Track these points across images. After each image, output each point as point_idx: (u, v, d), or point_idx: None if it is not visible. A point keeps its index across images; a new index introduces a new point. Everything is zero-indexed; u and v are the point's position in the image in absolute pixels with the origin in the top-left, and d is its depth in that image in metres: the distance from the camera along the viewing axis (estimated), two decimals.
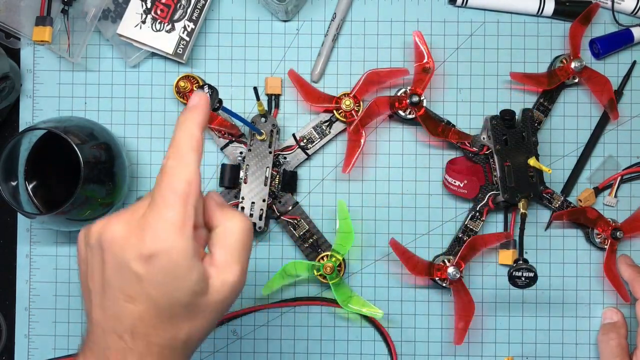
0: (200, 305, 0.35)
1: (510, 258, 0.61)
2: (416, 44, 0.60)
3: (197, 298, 0.35)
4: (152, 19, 0.60)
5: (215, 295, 0.35)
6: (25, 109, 0.63)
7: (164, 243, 0.33)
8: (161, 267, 0.33)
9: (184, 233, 0.34)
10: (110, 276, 0.35)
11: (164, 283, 0.34)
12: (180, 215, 0.34)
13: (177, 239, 0.33)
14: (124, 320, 0.34)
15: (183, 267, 0.34)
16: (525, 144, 0.59)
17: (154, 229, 0.34)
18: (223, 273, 0.36)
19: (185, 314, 0.35)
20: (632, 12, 0.63)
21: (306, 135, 0.61)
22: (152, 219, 0.34)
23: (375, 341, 0.62)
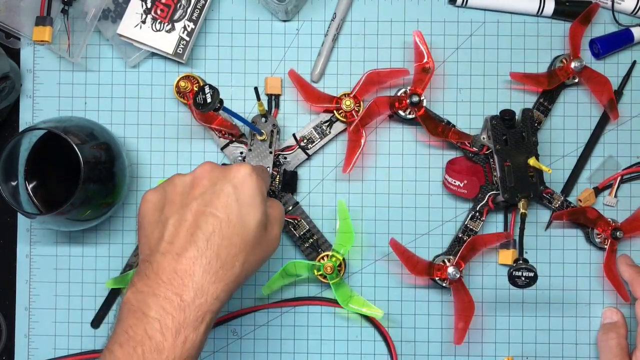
0: (260, 235, 0.44)
1: (510, 258, 0.61)
2: (416, 44, 0.60)
3: (259, 228, 0.44)
4: (152, 19, 0.60)
5: (267, 237, 0.45)
6: (25, 109, 0.63)
7: (254, 175, 0.44)
8: (248, 190, 0.44)
9: (264, 182, 0.46)
10: (198, 194, 0.44)
11: (246, 202, 0.43)
12: (264, 171, 0.51)
13: (261, 179, 0.45)
14: (204, 228, 0.42)
15: (259, 198, 0.44)
16: (525, 144, 0.59)
17: (249, 166, 0.45)
18: (272, 226, 0.46)
19: (249, 239, 0.43)
20: (632, 12, 0.63)
21: (306, 135, 0.61)
22: (244, 164, 0.45)
23: (375, 341, 0.62)
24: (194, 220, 0.42)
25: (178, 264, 0.41)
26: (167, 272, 0.41)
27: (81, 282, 0.63)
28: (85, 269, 0.63)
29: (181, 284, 0.40)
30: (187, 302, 0.40)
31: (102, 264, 0.63)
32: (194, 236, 0.42)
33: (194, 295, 0.40)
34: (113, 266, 0.62)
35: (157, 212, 0.45)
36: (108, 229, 0.63)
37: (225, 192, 0.43)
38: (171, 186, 0.45)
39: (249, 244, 0.43)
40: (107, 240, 0.63)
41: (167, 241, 0.42)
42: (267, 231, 0.45)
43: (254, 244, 0.44)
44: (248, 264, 0.44)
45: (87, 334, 0.62)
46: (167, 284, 0.41)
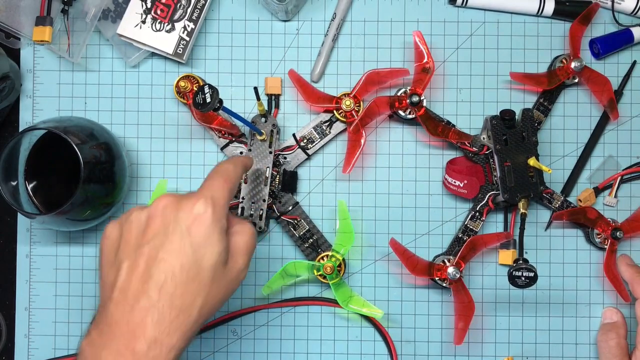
0: (219, 274, 0.42)
1: (510, 258, 0.61)
2: (416, 44, 0.60)
3: (217, 268, 0.41)
4: (152, 19, 0.60)
5: (229, 273, 0.42)
6: (25, 109, 0.63)
7: (209, 209, 0.41)
8: (202, 230, 0.41)
9: (223, 210, 0.42)
10: (151, 237, 0.41)
11: (201, 243, 0.40)
12: (224, 196, 0.43)
13: (218, 211, 0.42)
14: (155, 276, 0.39)
15: (216, 234, 0.41)
16: (525, 144, 0.59)
17: (205, 196, 0.42)
18: (235, 258, 0.43)
19: (206, 282, 0.41)
20: (632, 12, 0.63)
21: (306, 135, 0.61)
22: (202, 191, 0.42)
23: (375, 341, 0.62)
24: (146, 267, 0.40)
25: (130, 315, 0.39)
26: (120, 325, 0.39)
27: (81, 282, 0.63)
28: (85, 269, 0.63)
29: (133, 337, 0.38)
30: (139, 355, 0.38)
31: None
32: (145, 285, 0.39)
33: (147, 348, 0.38)
34: None
35: (113, 251, 0.42)
36: None
37: (177, 235, 0.40)
38: (127, 224, 0.42)
39: (207, 287, 0.41)
40: None
41: (119, 289, 0.40)
42: (229, 267, 0.43)
43: (212, 286, 0.41)
44: (207, 307, 0.41)
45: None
46: (119, 338, 0.38)
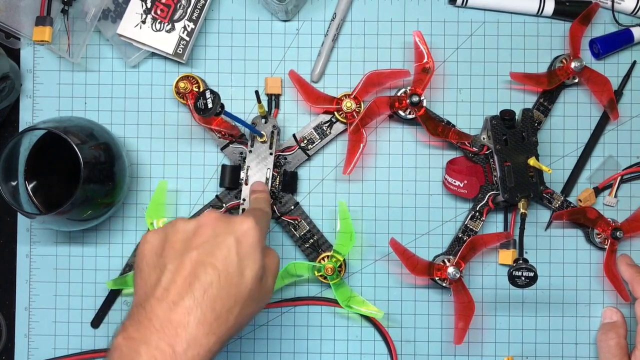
0: (256, 287, 0.43)
1: (510, 258, 0.61)
2: (416, 44, 0.60)
3: (255, 281, 0.43)
4: (152, 19, 0.60)
5: (262, 289, 0.45)
6: (25, 109, 0.63)
7: (256, 228, 0.44)
8: (249, 243, 0.43)
9: (263, 234, 0.46)
10: (200, 243, 0.43)
11: (246, 256, 0.43)
12: (263, 223, 0.48)
13: (260, 233, 0.45)
14: (202, 278, 0.41)
15: (259, 251, 0.44)
16: (525, 144, 0.59)
17: (251, 218, 0.45)
18: (267, 278, 0.46)
19: (245, 292, 0.42)
20: (632, 12, 0.63)
21: (307, 135, 0.61)
22: (248, 215, 0.46)
23: (375, 341, 0.62)
24: (193, 270, 0.41)
25: (173, 312, 0.39)
26: (161, 320, 0.39)
27: (81, 282, 0.63)
28: (85, 269, 0.63)
29: (174, 335, 0.39)
30: (179, 354, 0.38)
31: (102, 264, 0.63)
32: (191, 286, 0.40)
33: (187, 347, 0.39)
34: (113, 266, 0.62)
35: (156, 255, 0.43)
36: (108, 229, 0.63)
37: (226, 244, 0.42)
38: (173, 230, 0.44)
39: (245, 298, 0.42)
40: (107, 240, 0.63)
41: (163, 287, 0.41)
42: (262, 283, 0.44)
43: (249, 297, 0.43)
44: (242, 317, 0.43)
45: (87, 334, 0.62)
46: (160, 333, 0.39)
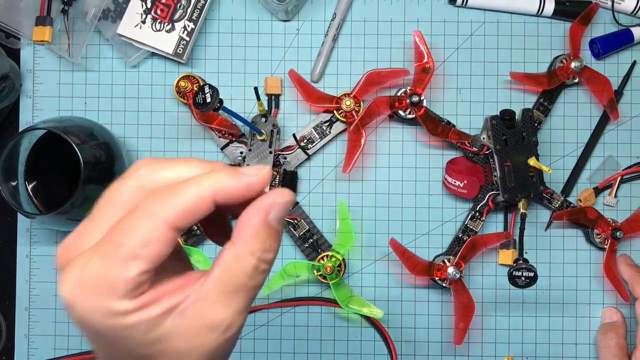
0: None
1: (510, 258, 0.61)
2: (416, 44, 0.60)
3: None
4: (152, 18, 0.60)
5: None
6: (25, 109, 0.63)
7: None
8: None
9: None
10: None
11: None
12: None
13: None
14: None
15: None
16: (525, 144, 0.59)
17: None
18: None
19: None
20: (632, 12, 0.63)
21: (306, 135, 0.61)
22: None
23: (375, 341, 0.62)
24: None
25: None
26: None
27: None
28: None
29: None
30: None
31: None
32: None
33: None
34: None
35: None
36: None
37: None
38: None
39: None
40: None
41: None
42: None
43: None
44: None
45: None
46: None
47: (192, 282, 0.27)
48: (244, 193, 0.27)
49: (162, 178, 0.28)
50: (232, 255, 0.27)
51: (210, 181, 0.27)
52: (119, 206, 0.27)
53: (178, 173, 0.28)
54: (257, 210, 0.27)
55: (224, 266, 0.27)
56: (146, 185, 0.28)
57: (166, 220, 0.26)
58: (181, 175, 0.28)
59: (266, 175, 0.28)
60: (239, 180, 0.27)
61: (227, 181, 0.27)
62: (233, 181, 0.27)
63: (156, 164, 0.28)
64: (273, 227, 0.28)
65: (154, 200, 0.26)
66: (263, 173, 0.28)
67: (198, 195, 0.26)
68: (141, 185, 0.28)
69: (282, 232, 0.28)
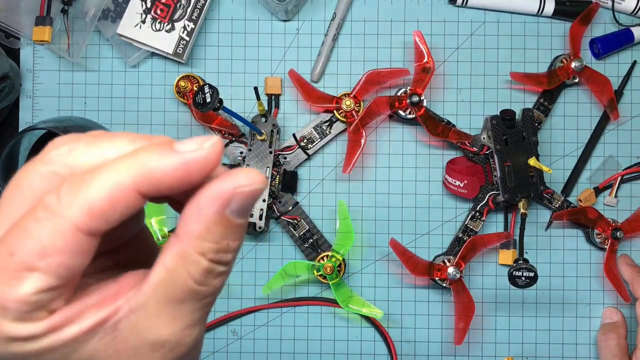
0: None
1: (510, 258, 0.61)
2: (416, 44, 0.60)
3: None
4: (152, 18, 0.60)
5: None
6: (25, 108, 0.63)
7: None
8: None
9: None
10: None
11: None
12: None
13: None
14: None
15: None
16: (526, 144, 0.59)
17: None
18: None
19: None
20: (632, 12, 0.62)
21: (306, 135, 0.61)
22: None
23: (375, 341, 0.62)
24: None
25: None
26: None
27: None
28: None
29: None
30: None
31: None
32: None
33: None
34: None
35: None
36: None
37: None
38: None
39: None
40: None
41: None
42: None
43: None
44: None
45: None
46: None
47: (128, 288, 0.21)
48: (181, 178, 0.20)
49: (80, 162, 0.21)
50: (175, 255, 0.21)
51: (130, 164, 0.20)
52: (27, 199, 0.21)
53: (103, 154, 0.21)
54: (211, 199, 0.20)
55: (165, 269, 0.21)
56: (60, 172, 0.21)
57: (74, 222, 0.19)
58: (106, 157, 0.21)
59: (212, 149, 0.20)
60: (172, 159, 0.20)
61: (155, 162, 0.20)
62: (163, 161, 0.20)
63: (74, 143, 0.21)
64: (233, 221, 0.21)
65: (59, 195, 0.20)
66: (207, 147, 0.20)
67: (116, 185, 0.19)
68: (54, 171, 0.21)
69: (246, 226, 0.22)
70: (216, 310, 0.62)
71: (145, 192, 0.20)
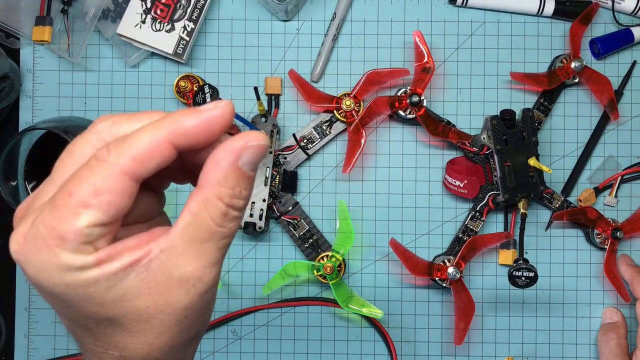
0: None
1: (510, 258, 0.61)
2: (416, 44, 0.60)
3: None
4: (152, 18, 0.60)
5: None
6: (25, 109, 0.63)
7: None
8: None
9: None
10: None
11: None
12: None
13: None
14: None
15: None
16: (526, 144, 0.59)
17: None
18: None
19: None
20: (632, 12, 0.62)
21: (306, 135, 0.61)
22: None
23: (375, 341, 0.62)
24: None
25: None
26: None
27: None
28: None
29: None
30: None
31: None
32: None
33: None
34: None
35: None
36: None
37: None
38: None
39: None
40: None
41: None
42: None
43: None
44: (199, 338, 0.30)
45: None
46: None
47: (157, 236, 0.26)
48: (205, 130, 0.25)
49: (123, 131, 0.26)
50: (198, 200, 0.25)
51: (165, 122, 0.25)
52: (79, 162, 0.25)
53: (141, 124, 0.26)
54: (226, 152, 0.25)
55: (190, 213, 0.25)
56: (107, 139, 0.26)
57: (121, 167, 0.24)
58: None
59: (225, 107, 0.25)
60: (197, 116, 0.25)
61: (184, 119, 0.25)
62: (190, 119, 0.25)
63: (117, 118, 0.26)
64: (244, 172, 0.25)
65: (108, 148, 0.24)
66: (221, 106, 0.25)
67: (154, 138, 0.24)
68: (101, 139, 0.26)
69: (254, 179, 0.26)
70: (216, 310, 0.62)
71: (177, 144, 0.25)
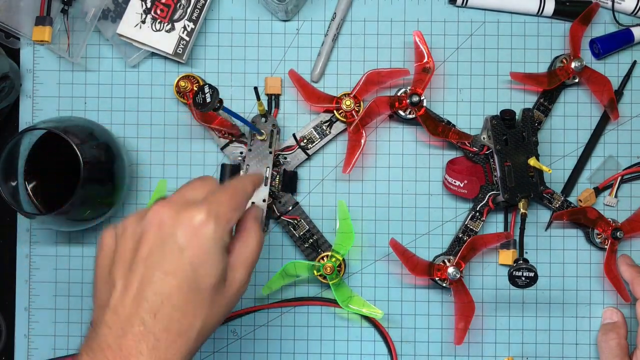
0: (219, 294, 0.39)
1: (510, 258, 0.61)
2: (416, 44, 0.60)
3: (218, 285, 0.39)
4: (152, 18, 0.60)
5: (229, 289, 0.40)
6: (25, 109, 0.63)
7: (211, 224, 0.38)
8: (202, 243, 0.37)
9: (227, 227, 0.39)
10: (146, 254, 0.38)
11: (200, 262, 0.37)
12: (229, 212, 0.39)
13: (220, 228, 0.38)
14: (151, 299, 0.37)
15: (217, 253, 0.38)
16: (526, 144, 0.59)
17: (208, 210, 0.38)
18: (236, 272, 0.40)
19: (206, 300, 0.38)
20: (632, 12, 0.62)
21: (306, 135, 0.61)
22: (206, 204, 0.38)
23: (375, 341, 0.62)
24: (140, 289, 0.37)
25: (124, 340, 0.36)
26: (113, 349, 0.36)
27: (81, 282, 0.63)
28: (85, 269, 0.63)
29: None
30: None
31: None
32: (139, 309, 0.36)
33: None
34: None
35: (107, 266, 0.39)
36: None
37: (175, 253, 0.37)
38: (123, 235, 0.39)
39: (206, 308, 0.38)
40: None
41: (112, 310, 0.37)
42: (228, 282, 0.40)
43: (212, 306, 0.38)
44: (206, 328, 0.39)
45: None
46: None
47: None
48: (258, 185, 0.45)
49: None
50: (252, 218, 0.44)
51: (252, 183, 0.44)
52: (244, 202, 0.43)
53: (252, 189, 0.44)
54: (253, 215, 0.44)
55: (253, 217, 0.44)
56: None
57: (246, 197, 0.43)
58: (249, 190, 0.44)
59: (261, 177, 0.47)
60: (258, 177, 0.46)
61: (257, 180, 0.45)
62: (257, 179, 0.45)
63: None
64: (258, 221, 0.44)
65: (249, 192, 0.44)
66: (261, 176, 0.48)
67: (250, 188, 0.44)
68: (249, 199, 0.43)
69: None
70: None
71: (253, 190, 0.44)
